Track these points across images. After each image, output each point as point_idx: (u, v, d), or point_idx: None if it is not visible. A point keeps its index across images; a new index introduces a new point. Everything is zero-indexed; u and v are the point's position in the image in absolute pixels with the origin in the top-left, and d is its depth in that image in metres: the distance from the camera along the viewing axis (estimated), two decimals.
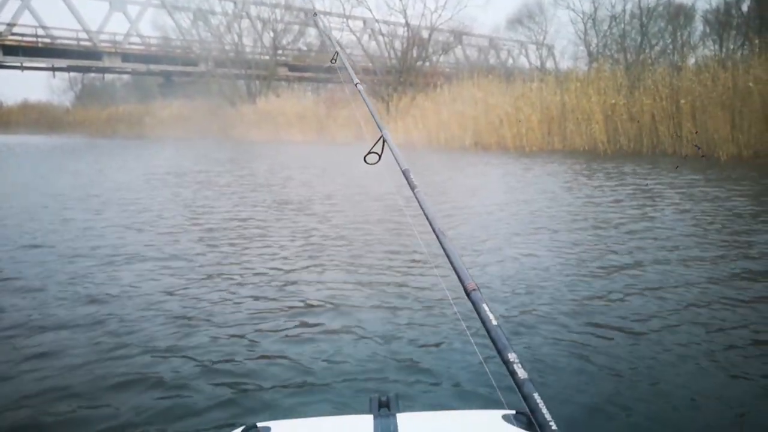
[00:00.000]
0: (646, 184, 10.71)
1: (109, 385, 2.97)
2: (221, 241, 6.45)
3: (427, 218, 1.25)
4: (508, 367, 0.86)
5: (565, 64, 37.63)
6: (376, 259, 5.50)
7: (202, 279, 4.91)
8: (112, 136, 38.96)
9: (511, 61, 44.16)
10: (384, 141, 1.63)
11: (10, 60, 35.09)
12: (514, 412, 1.17)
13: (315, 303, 4.27)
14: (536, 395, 0.80)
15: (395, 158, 1.53)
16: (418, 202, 1.33)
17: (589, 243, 6.02)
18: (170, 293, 4.49)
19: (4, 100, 63.96)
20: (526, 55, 43.92)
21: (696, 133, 16.35)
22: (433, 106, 24.84)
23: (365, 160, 1.66)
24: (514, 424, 1.14)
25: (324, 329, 3.71)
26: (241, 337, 3.61)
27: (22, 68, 37.30)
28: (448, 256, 1.12)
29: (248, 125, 33.84)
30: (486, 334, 0.93)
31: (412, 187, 1.40)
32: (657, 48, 31.91)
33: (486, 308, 0.96)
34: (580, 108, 19.52)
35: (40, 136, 40.82)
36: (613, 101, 18.66)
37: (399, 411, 1.18)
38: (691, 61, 26.28)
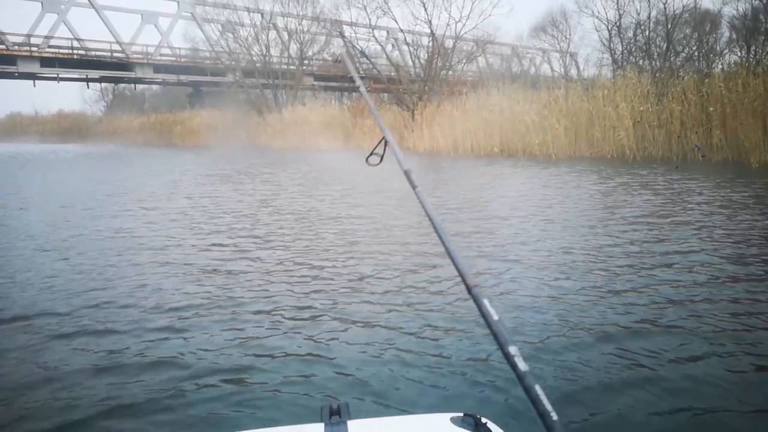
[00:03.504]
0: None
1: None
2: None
3: (429, 217, 1.26)
4: (509, 360, 0.86)
5: (589, 71, 37.67)
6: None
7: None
8: (142, 144, 39.92)
9: (533, 69, 44.32)
10: (386, 142, 1.62)
11: (47, 71, 36.25)
12: (461, 414, 1.19)
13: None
14: (537, 387, 0.81)
15: (397, 159, 1.53)
16: (420, 201, 1.33)
17: None
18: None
19: (40, 110, 66.07)
20: (549, 63, 44.00)
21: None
22: (459, 114, 25.16)
23: (367, 162, 1.64)
24: (461, 427, 1.15)
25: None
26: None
27: (58, 79, 38.49)
28: (449, 254, 1.11)
29: (275, 134, 34.52)
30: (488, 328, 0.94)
31: (413, 187, 1.42)
32: (683, 55, 31.80)
33: (487, 304, 0.96)
34: (607, 115, 19.67)
35: (74, 145, 42.02)
36: (642, 108, 18.78)
37: (350, 418, 1.19)
38: (718, 68, 26.24)
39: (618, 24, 32.50)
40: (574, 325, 3.86)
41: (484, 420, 1.16)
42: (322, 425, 1.16)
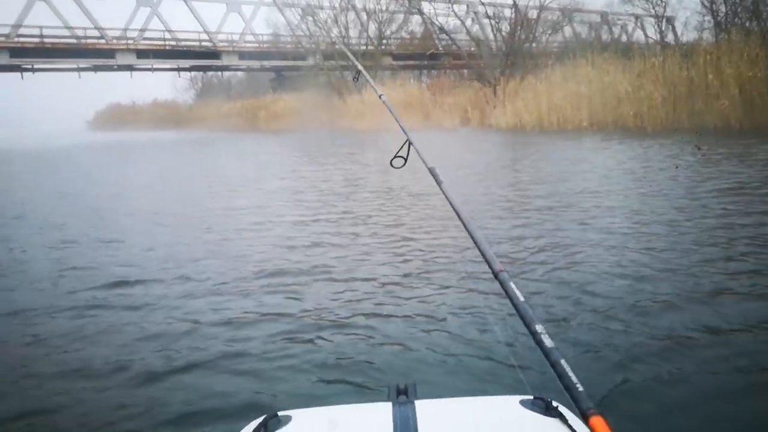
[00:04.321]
0: None
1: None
2: None
3: (454, 209, 1.35)
4: (535, 338, 0.92)
5: (687, 36, 34.88)
6: None
7: None
8: (231, 129, 41.57)
9: (624, 36, 41.64)
10: (410, 144, 1.74)
11: (142, 63, 38.34)
12: (531, 397, 1.18)
13: None
14: (563, 361, 0.86)
15: (421, 159, 1.65)
16: (444, 194, 1.43)
17: None
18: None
19: (136, 99, 70.37)
20: (643, 29, 41.15)
21: None
22: (544, 88, 24.15)
23: (392, 164, 1.76)
24: (531, 410, 1.13)
25: None
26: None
27: (153, 70, 40.67)
28: (475, 242, 1.20)
29: (356, 115, 34.72)
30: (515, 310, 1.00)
31: (439, 183, 1.52)
32: None
33: (513, 286, 1.04)
34: (710, 82, 18.15)
35: (171, 132, 44.64)
36: (750, 73, 17.16)
37: (417, 398, 1.19)
38: None
39: None
40: (643, 293, 3.82)
41: (555, 403, 1.12)
42: (390, 404, 1.15)
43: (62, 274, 4.93)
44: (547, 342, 0.90)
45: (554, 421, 1.08)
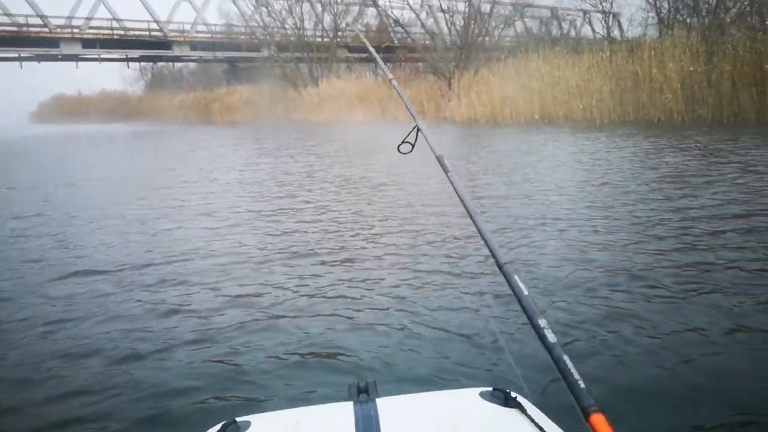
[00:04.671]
0: None
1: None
2: None
3: (461, 199, 1.32)
4: (537, 332, 0.90)
5: (633, 32, 36.13)
6: None
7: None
8: (183, 122, 40.65)
9: (573, 32, 42.79)
10: (418, 131, 1.68)
11: (89, 52, 37.06)
12: (491, 388, 1.19)
13: None
14: (565, 357, 0.84)
15: (429, 146, 1.61)
16: (452, 184, 1.40)
17: None
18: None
19: (82, 90, 67.74)
20: (591, 25, 42.36)
21: None
22: (497, 81, 24.66)
23: (399, 150, 1.70)
24: (491, 401, 1.16)
25: None
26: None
27: (100, 60, 39.36)
28: (481, 234, 1.17)
29: (311, 108, 34.55)
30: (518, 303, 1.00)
31: (446, 171, 1.48)
32: (733, 11, 30.15)
33: (517, 280, 1.02)
34: (654, 76, 18.95)
35: (120, 124, 43.23)
36: (691, 68, 18.00)
37: (378, 396, 1.19)
38: None
39: None
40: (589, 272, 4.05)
41: (513, 394, 1.16)
42: (351, 403, 1.16)
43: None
44: (550, 337, 0.88)
45: (513, 411, 1.12)
